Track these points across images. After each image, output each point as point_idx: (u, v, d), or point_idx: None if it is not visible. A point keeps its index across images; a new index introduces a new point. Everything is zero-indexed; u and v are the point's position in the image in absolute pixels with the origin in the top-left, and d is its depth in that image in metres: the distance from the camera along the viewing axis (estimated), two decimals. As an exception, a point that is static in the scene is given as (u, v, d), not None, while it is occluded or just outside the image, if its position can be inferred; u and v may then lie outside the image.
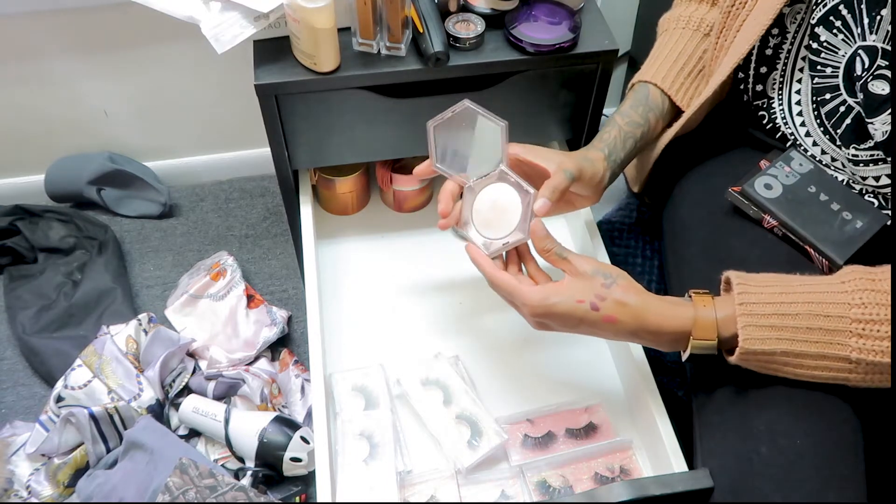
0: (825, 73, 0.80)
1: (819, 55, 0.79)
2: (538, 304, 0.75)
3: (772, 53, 0.85)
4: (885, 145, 0.76)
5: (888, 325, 0.65)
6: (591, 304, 0.74)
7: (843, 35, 0.76)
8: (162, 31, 1.43)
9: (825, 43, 0.78)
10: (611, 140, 0.89)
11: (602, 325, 0.74)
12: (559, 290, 0.75)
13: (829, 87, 0.80)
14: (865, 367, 0.67)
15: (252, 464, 1.21)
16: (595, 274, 0.75)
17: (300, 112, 0.98)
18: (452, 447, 0.86)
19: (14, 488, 1.20)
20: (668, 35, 0.95)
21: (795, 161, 0.85)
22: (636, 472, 0.86)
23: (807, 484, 0.66)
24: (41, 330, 1.42)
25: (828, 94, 0.80)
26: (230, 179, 1.76)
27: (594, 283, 0.75)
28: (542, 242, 0.79)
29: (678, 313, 0.73)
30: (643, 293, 0.75)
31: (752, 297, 0.70)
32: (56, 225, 1.56)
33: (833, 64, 0.79)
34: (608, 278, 0.75)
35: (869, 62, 0.73)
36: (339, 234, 1.14)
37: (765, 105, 0.89)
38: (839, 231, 0.80)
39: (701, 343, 0.72)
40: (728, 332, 0.71)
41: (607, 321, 0.74)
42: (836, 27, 0.76)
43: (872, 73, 0.73)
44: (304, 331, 1.46)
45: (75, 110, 1.55)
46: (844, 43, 0.76)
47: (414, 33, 0.94)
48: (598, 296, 0.74)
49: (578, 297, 0.74)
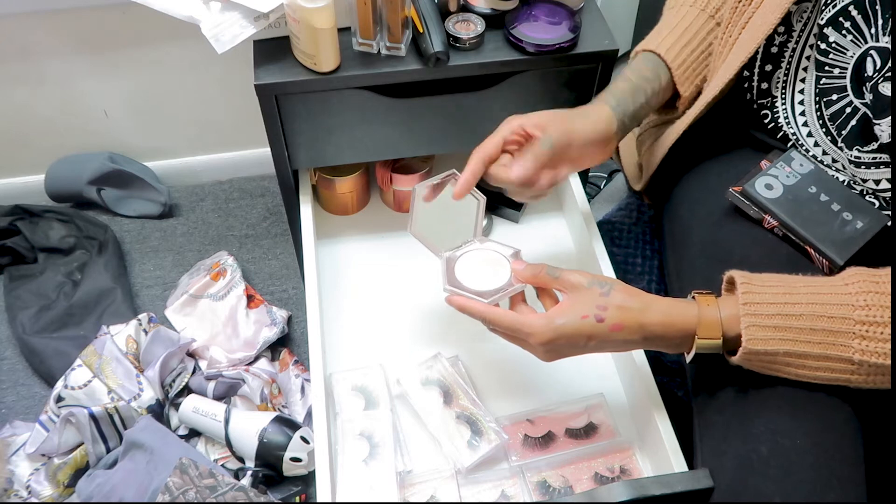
0: (832, 73, 0.79)
1: (827, 56, 0.79)
2: (544, 329, 0.74)
3: (777, 51, 0.85)
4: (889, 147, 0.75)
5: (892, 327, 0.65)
6: (595, 317, 0.73)
7: (853, 36, 0.76)
8: (162, 31, 1.43)
9: (834, 44, 0.78)
10: (618, 92, 0.86)
11: (610, 336, 0.74)
12: (562, 311, 0.75)
13: (836, 88, 0.80)
14: (868, 369, 0.67)
15: (252, 464, 1.21)
16: (591, 285, 0.75)
17: (300, 112, 0.98)
18: (452, 447, 0.86)
19: (14, 488, 1.21)
20: (676, 10, 0.93)
21: (796, 161, 0.85)
22: (636, 472, 0.86)
23: (807, 484, 0.66)
24: (41, 330, 1.42)
25: (834, 95, 0.80)
26: (230, 179, 1.76)
27: (592, 295, 0.74)
28: (531, 270, 0.80)
29: (682, 312, 0.73)
30: (643, 294, 0.75)
31: (756, 297, 0.70)
32: (56, 225, 1.56)
33: (841, 65, 0.78)
34: (604, 286, 0.74)
35: (881, 63, 0.73)
36: (339, 234, 1.14)
37: (768, 104, 0.89)
38: (839, 231, 0.80)
39: (706, 342, 0.72)
40: (731, 331, 0.71)
41: (614, 329, 0.73)
42: (846, 28, 0.76)
43: (884, 74, 0.73)
44: (304, 331, 1.46)
45: (75, 110, 1.55)
46: (853, 44, 0.76)
47: (414, 33, 0.94)
48: (600, 306, 0.73)
49: (582, 313, 0.73)
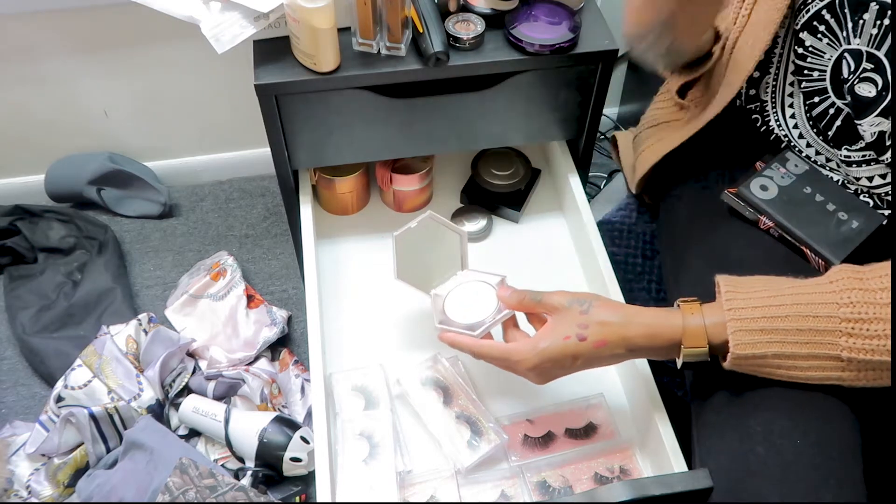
0: (812, 76, 0.80)
1: (805, 59, 0.80)
2: (530, 354, 0.77)
3: (764, 59, 0.85)
4: (875, 146, 0.76)
5: (878, 323, 0.65)
6: (577, 336, 0.75)
7: (828, 39, 0.77)
8: (162, 31, 1.43)
9: (811, 48, 0.78)
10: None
11: (596, 353, 0.75)
12: (544, 335, 0.77)
13: (818, 91, 0.80)
14: (857, 365, 0.67)
15: (252, 464, 1.21)
16: (571, 304, 0.77)
17: (300, 112, 0.98)
18: (452, 447, 0.86)
19: (14, 488, 1.21)
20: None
21: (791, 162, 0.85)
22: (636, 472, 0.86)
23: (805, 484, 0.66)
24: (41, 330, 1.42)
25: (816, 98, 0.81)
26: (230, 179, 1.76)
27: (572, 314, 0.76)
28: (516, 297, 0.82)
29: (666, 322, 0.74)
30: (625, 307, 0.76)
31: (740, 301, 0.70)
32: (56, 225, 1.56)
33: (819, 68, 0.79)
34: (584, 304, 0.76)
35: (855, 65, 0.74)
36: (339, 234, 1.14)
37: (758, 108, 0.89)
38: (835, 231, 0.80)
39: (692, 351, 0.72)
40: (719, 338, 0.71)
41: (598, 346, 0.74)
42: (821, 32, 0.77)
43: (858, 75, 0.74)
44: (304, 331, 1.46)
45: (75, 110, 1.55)
46: (830, 47, 0.77)
47: (414, 33, 0.94)
48: (580, 325, 0.75)
49: (564, 334, 0.75)
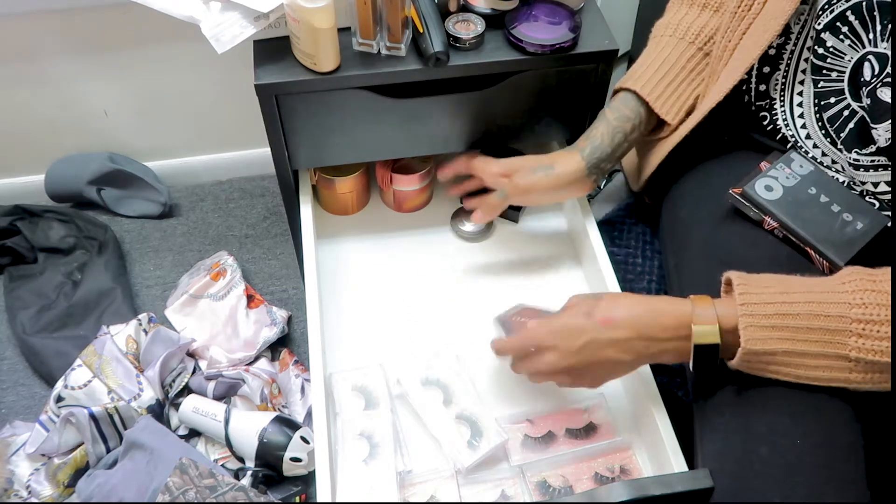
0: (830, 77, 0.79)
1: (825, 60, 0.79)
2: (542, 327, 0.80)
3: (775, 54, 0.85)
4: (887, 151, 0.75)
5: (888, 325, 0.65)
6: (584, 313, 0.78)
7: (850, 41, 0.76)
8: (162, 31, 1.43)
9: (832, 48, 0.78)
10: (596, 137, 0.93)
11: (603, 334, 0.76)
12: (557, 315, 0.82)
13: (834, 92, 0.80)
14: (865, 367, 0.67)
15: (252, 464, 1.21)
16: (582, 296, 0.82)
17: (300, 112, 0.98)
18: (452, 447, 0.86)
19: (14, 488, 1.20)
20: (655, 42, 0.96)
21: (796, 163, 0.85)
22: (636, 472, 0.86)
23: (807, 485, 0.66)
24: (41, 330, 1.42)
25: (832, 99, 0.80)
26: (230, 179, 1.76)
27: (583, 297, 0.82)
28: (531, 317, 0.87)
29: (676, 307, 0.74)
30: (634, 295, 0.79)
31: (753, 297, 0.70)
32: (56, 225, 1.56)
33: (838, 69, 0.78)
34: (595, 297, 0.80)
35: (879, 69, 0.73)
36: (339, 234, 1.14)
37: (767, 105, 0.89)
38: (840, 232, 0.80)
39: (703, 329, 0.71)
40: (729, 324, 0.71)
41: (605, 323, 0.75)
42: (843, 33, 0.76)
43: (882, 79, 0.73)
44: (304, 331, 1.46)
45: (75, 110, 1.55)
46: (851, 48, 0.76)
47: (414, 33, 0.94)
48: (589, 304, 0.79)
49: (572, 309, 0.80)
